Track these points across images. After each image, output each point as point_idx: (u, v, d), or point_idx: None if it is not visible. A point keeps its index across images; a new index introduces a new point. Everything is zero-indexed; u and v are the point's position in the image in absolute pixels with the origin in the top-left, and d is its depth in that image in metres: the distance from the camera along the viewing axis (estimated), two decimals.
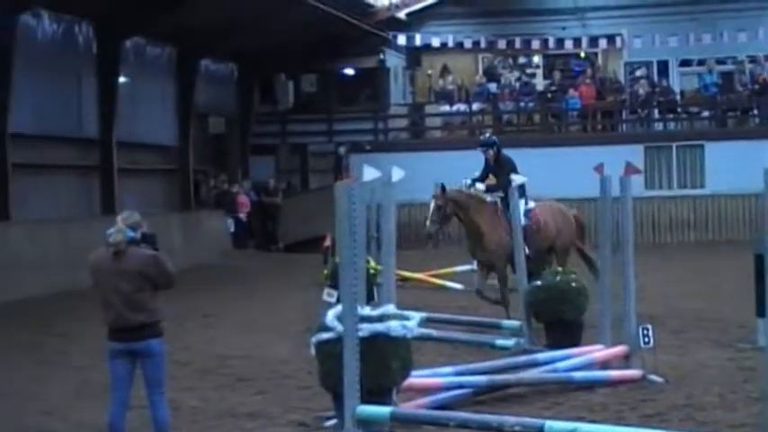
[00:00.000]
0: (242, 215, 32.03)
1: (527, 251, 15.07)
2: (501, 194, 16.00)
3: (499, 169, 16.40)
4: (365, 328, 9.02)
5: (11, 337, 16.32)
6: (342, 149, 34.45)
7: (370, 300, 12.53)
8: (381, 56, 36.17)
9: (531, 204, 16.50)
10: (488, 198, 16.18)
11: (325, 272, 18.07)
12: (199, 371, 12.89)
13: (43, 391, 12.07)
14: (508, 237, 15.25)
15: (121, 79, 27.63)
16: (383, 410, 8.82)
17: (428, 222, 16.03)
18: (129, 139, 28.21)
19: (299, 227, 33.23)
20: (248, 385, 12.10)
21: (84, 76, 26.78)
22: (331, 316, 9.35)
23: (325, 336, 9.28)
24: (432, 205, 15.99)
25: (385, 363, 9.06)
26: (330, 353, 9.18)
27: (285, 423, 10.16)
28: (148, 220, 8.94)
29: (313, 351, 9.53)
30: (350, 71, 36.68)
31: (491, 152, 16.52)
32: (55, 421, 10.52)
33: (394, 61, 37.02)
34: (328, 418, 9.80)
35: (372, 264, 15.22)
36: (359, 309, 9.06)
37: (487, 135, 17.71)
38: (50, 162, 25.62)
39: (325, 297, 14.63)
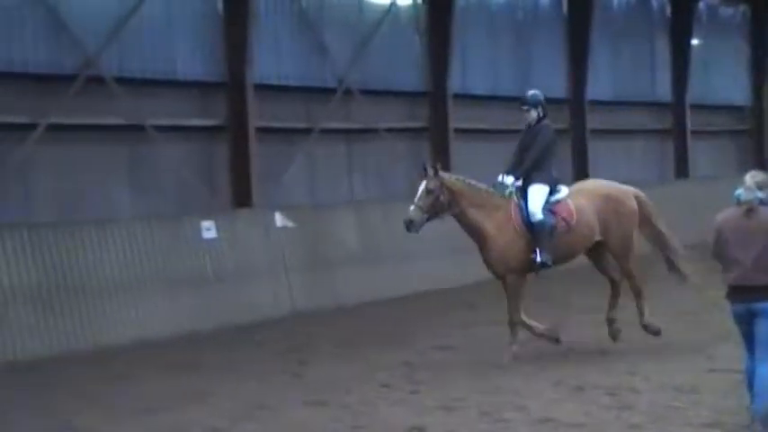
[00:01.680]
0: None
1: (543, 258, 12.07)
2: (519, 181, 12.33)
3: (531, 140, 12.47)
4: None
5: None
6: None
7: None
8: None
9: (563, 192, 12.47)
10: (507, 181, 12.28)
11: None
12: None
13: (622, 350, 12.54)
14: (522, 240, 12.13)
15: (693, 41, 27.78)
16: None
17: (412, 207, 12.09)
18: (700, 101, 28.33)
19: None
20: None
21: (656, 40, 27.24)
22: None
23: None
24: (421, 188, 12.20)
25: None
26: None
27: None
28: (723, 182, 8.94)
29: None
30: None
31: (533, 114, 12.46)
32: (638, 381, 10.89)
33: None
34: None
35: None
36: None
37: (533, 91, 12.65)
38: (624, 127, 26.35)
39: None
